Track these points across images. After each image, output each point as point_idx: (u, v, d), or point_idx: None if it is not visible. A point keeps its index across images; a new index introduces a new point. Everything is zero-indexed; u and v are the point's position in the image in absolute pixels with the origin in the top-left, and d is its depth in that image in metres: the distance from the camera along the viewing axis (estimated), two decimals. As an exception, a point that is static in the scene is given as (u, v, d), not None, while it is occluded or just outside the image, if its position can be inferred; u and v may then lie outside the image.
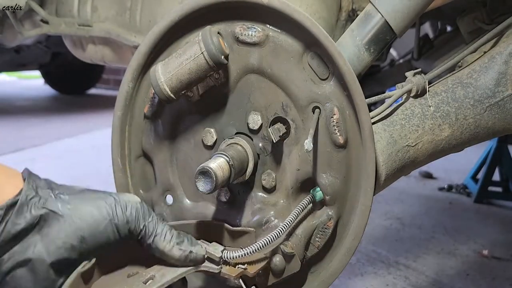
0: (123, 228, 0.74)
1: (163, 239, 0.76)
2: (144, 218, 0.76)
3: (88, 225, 0.72)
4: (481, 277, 2.13)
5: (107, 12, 1.57)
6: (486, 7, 1.20)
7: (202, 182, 0.79)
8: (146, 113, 0.97)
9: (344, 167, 0.87)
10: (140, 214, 0.76)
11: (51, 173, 3.51)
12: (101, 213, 0.73)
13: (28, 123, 5.11)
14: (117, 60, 1.69)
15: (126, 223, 0.74)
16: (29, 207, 0.69)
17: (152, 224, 0.76)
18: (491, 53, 0.95)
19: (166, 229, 0.78)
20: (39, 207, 0.70)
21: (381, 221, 2.76)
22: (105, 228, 0.73)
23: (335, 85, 0.86)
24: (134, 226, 0.75)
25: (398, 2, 0.92)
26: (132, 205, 0.76)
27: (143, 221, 0.76)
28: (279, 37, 0.88)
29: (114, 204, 0.74)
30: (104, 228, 0.72)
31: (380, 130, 0.93)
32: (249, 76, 0.91)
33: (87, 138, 4.52)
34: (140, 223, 0.75)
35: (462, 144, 0.96)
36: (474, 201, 3.22)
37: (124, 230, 0.74)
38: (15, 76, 9.57)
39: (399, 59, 2.32)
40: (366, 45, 0.93)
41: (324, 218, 0.89)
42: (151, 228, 0.76)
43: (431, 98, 0.95)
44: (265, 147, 0.92)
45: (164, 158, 0.98)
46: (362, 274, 2.10)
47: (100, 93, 7.86)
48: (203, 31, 0.85)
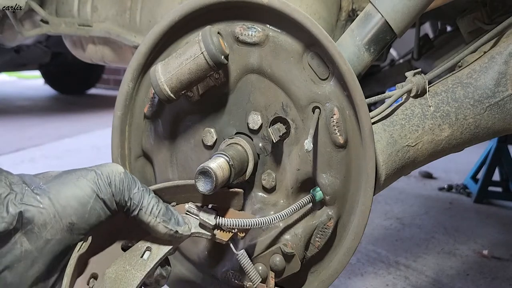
0: (110, 202, 0.70)
1: (149, 213, 0.73)
2: (129, 189, 0.72)
3: (74, 209, 0.67)
4: (481, 277, 2.13)
5: (107, 12, 1.57)
6: (486, 7, 1.20)
7: (202, 182, 0.79)
8: (146, 113, 0.97)
9: (344, 167, 0.87)
10: (124, 185, 0.72)
11: (51, 173, 3.46)
12: (85, 192, 0.68)
13: (28, 123, 5.11)
14: (117, 60, 1.69)
15: (112, 196, 0.70)
16: (5, 206, 0.64)
17: (137, 195, 0.72)
18: (491, 53, 0.95)
19: (153, 202, 0.74)
20: (16, 204, 0.64)
21: (381, 221, 2.76)
22: (93, 206, 0.69)
23: (335, 85, 0.86)
24: (119, 199, 0.71)
25: (398, 2, 0.92)
26: (115, 176, 0.71)
27: (128, 192, 0.72)
28: (279, 37, 0.88)
29: (97, 179, 0.70)
30: (92, 207, 0.69)
31: (380, 130, 0.93)
32: (249, 76, 0.91)
33: (87, 138, 4.51)
34: (125, 195, 0.71)
35: (462, 144, 0.96)
36: (474, 201, 3.22)
37: (112, 204, 0.70)
38: (15, 76, 9.57)
39: (399, 59, 2.32)
40: (366, 45, 0.93)
41: (324, 218, 0.89)
42: (137, 200, 0.72)
43: (431, 98, 0.95)
44: (265, 147, 0.92)
45: (164, 158, 0.98)
46: (362, 274, 2.10)
47: (100, 93, 7.86)
48: (203, 31, 0.85)
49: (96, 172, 0.71)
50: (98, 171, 0.71)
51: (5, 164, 3.43)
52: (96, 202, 0.69)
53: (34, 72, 7.92)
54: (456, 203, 3.20)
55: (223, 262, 0.96)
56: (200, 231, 0.80)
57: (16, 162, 3.54)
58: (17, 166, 3.41)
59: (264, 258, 0.88)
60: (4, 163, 3.46)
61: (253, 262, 0.89)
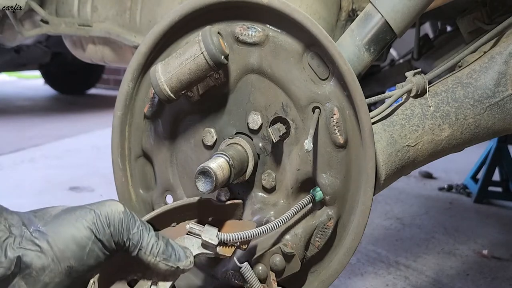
0: (109, 243, 0.70)
1: (148, 253, 0.72)
2: (128, 229, 0.71)
3: (73, 252, 0.67)
4: (481, 277, 2.13)
5: (107, 12, 1.57)
6: (486, 7, 1.20)
7: (202, 182, 0.79)
8: (146, 113, 0.97)
9: (344, 167, 0.87)
10: (124, 225, 0.71)
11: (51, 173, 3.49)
12: (83, 233, 0.68)
13: (28, 123, 5.11)
14: (117, 60, 1.69)
15: (111, 237, 0.70)
16: (3, 250, 0.63)
17: (136, 236, 0.72)
18: (491, 53, 0.95)
19: (153, 241, 0.73)
20: (14, 248, 0.64)
21: (381, 221, 2.76)
22: (92, 248, 0.68)
23: (335, 85, 0.86)
24: (118, 239, 0.70)
25: (398, 2, 0.92)
26: (115, 216, 0.71)
27: (127, 233, 0.71)
28: (279, 37, 0.88)
29: (95, 220, 0.69)
30: (91, 249, 0.68)
31: (380, 130, 0.93)
32: (249, 76, 0.91)
33: (87, 138, 4.51)
34: (123, 235, 0.71)
35: (462, 144, 0.96)
36: (474, 201, 3.22)
37: (111, 244, 0.70)
38: (15, 76, 9.56)
39: (399, 59, 2.32)
40: (366, 45, 0.93)
41: (324, 218, 0.89)
42: (136, 240, 0.72)
43: (431, 98, 0.95)
44: (265, 147, 0.92)
45: (164, 158, 0.99)
46: (362, 274, 2.10)
47: (100, 93, 7.86)
48: (203, 31, 0.85)
49: (95, 212, 0.70)
50: (97, 211, 0.70)
51: (5, 164, 3.43)
52: (95, 244, 0.69)
53: (34, 72, 7.92)
54: (456, 203, 3.19)
55: (223, 262, 0.96)
56: (203, 251, 0.80)
57: (16, 162, 3.54)
58: (17, 166, 3.41)
59: (264, 258, 0.88)
60: (4, 163, 3.46)
61: (253, 262, 0.89)
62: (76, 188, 2.91)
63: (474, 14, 1.21)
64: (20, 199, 2.58)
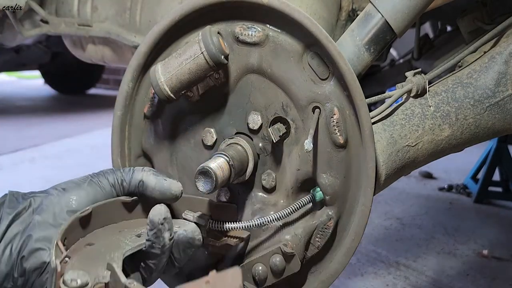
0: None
1: (140, 170, 0.82)
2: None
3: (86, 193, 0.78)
4: (481, 277, 2.13)
5: (107, 12, 1.57)
6: (486, 7, 1.20)
7: (202, 182, 0.79)
8: (146, 113, 0.97)
9: (344, 167, 0.87)
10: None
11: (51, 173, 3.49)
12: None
13: (28, 123, 5.11)
14: (117, 60, 1.69)
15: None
16: (16, 199, 0.73)
17: (128, 168, 0.83)
18: (491, 53, 0.95)
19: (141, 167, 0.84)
20: (25, 198, 0.74)
21: (381, 221, 2.76)
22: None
23: (335, 85, 0.86)
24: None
25: (398, 2, 0.91)
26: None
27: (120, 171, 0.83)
28: (279, 37, 0.88)
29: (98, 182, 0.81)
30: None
31: (380, 130, 0.93)
32: (249, 76, 0.91)
33: (86, 138, 4.51)
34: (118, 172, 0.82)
35: (462, 144, 0.96)
36: (474, 201, 3.22)
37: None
38: (15, 76, 9.56)
39: (399, 59, 2.32)
40: (366, 45, 0.93)
41: (324, 218, 0.89)
42: (128, 169, 0.82)
43: (431, 98, 0.95)
44: (265, 147, 0.92)
45: (164, 158, 0.98)
46: (362, 274, 2.10)
47: (100, 93, 7.86)
48: (203, 31, 0.85)
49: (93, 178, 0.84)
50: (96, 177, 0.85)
51: (5, 164, 3.43)
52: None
53: (34, 72, 7.92)
54: (456, 203, 3.20)
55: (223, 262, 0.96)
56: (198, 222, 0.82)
57: (16, 162, 3.54)
58: (17, 166, 3.42)
59: (264, 258, 0.88)
60: (4, 163, 3.46)
61: (253, 262, 0.89)
62: (76, 188, 2.90)
63: (474, 14, 1.21)
64: (20, 199, 2.55)
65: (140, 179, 0.81)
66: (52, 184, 0.80)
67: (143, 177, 0.81)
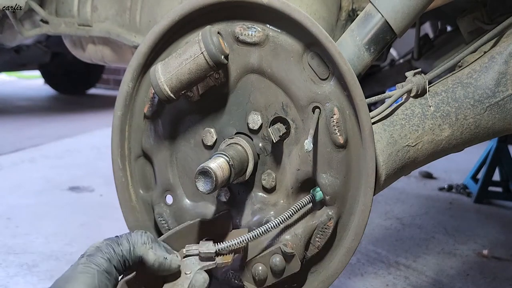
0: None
1: (140, 244, 0.77)
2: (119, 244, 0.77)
3: None
4: (481, 277, 2.13)
5: (107, 12, 1.57)
6: (486, 7, 1.20)
7: (202, 182, 0.79)
8: (146, 113, 0.97)
9: (344, 167, 0.87)
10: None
11: (51, 173, 3.49)
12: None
13: (28, 123, 5.11)
14: (117, 60, 1.69)
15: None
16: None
17: (131, 235, 0.78)
18: (491, 53, 0.95)
19: (140, 233, 0.79)
20: None
21: (381, 221, 2.76)
22: (100, 279, 0.71)
23: (335, 85, 0.86)
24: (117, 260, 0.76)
25: (398, 2, 0.92)
26: None
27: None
28: (279, 37, 0.88)
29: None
30: (99, 280, 0.71)
31: (380, 130, 0.93)
32: (249, 76, 0.91)
33: (86, 138, 4.51)
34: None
35: (462, 144, 0.96)
36: (474, 201, 3.22)
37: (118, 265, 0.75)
38: (15, 76, 9.56)
39: (399, 59, 2.32)
40: (366, 45, 0.93)
41: (324, 218, 0.89)
42: (126, 241, 0.77)
43: (431, 98, 0.95)
44: (265, 147, 0.92)
45: (164, 158, 0.98)
46: (362, 274, 2.09)
47: (100, 93, 7.86)
48: (203, 31, 0.85)
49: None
50: None
51: (5, 164, 3.43)
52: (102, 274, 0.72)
53: (34, 72, 7.92)
54: (456, 203, 3.19)
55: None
56: (204, 265, 0.82)
57: (16, 162, 3.53)
58: (17, 166, 3.41)
59: (264, 258, 0.88)
60: (4, 163, 3.46)
61: (253, 262, 0.89)
62: (76, 188, 2.91)
63: (474, 14, 1.22)
64: (20, 199, 2.57)
65: (140, 256, 0.78)
66: (52, 183, 0.79)
67: (143, 255, 0.78)
